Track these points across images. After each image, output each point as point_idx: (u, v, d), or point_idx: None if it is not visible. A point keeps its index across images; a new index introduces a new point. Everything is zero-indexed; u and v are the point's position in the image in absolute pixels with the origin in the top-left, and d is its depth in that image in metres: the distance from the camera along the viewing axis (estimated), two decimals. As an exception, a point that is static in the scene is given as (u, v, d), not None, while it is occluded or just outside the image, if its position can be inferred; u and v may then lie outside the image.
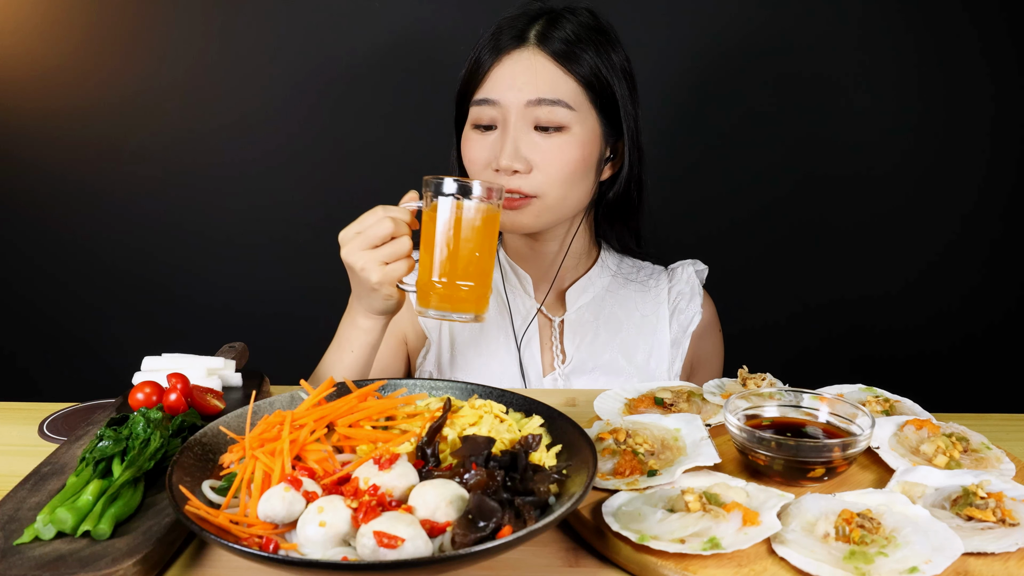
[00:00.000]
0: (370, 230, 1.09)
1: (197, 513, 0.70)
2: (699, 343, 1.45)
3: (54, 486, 0.84)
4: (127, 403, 1.02)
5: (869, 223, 2.07)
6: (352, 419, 0.84)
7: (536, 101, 1.23)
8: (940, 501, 0.81)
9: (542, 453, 0.80)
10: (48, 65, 2.00)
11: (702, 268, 1.49)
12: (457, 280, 1.05)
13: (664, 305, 1.45)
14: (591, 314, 1.41)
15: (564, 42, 1.25)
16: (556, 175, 1.25)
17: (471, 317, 1.08)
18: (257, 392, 1.11)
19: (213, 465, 0.81)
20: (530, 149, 1.24)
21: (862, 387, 1.07)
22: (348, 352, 1.21)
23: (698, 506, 0.77)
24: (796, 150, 2.04)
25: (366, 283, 1.11)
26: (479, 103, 1.27)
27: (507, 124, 1.25)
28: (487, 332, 1.40)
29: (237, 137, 2.04)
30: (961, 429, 0.94)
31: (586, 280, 1.43)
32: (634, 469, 0.86)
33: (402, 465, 0.74)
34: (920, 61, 1.98)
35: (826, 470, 0.86)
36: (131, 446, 0.85)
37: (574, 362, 1.38)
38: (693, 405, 1.04)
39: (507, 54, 1.26)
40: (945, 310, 2.11)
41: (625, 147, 1.33)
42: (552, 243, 1.39)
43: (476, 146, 1.28)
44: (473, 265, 1.06)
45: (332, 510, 0.69)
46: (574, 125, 1.25)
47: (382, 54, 2.00)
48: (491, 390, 0.93)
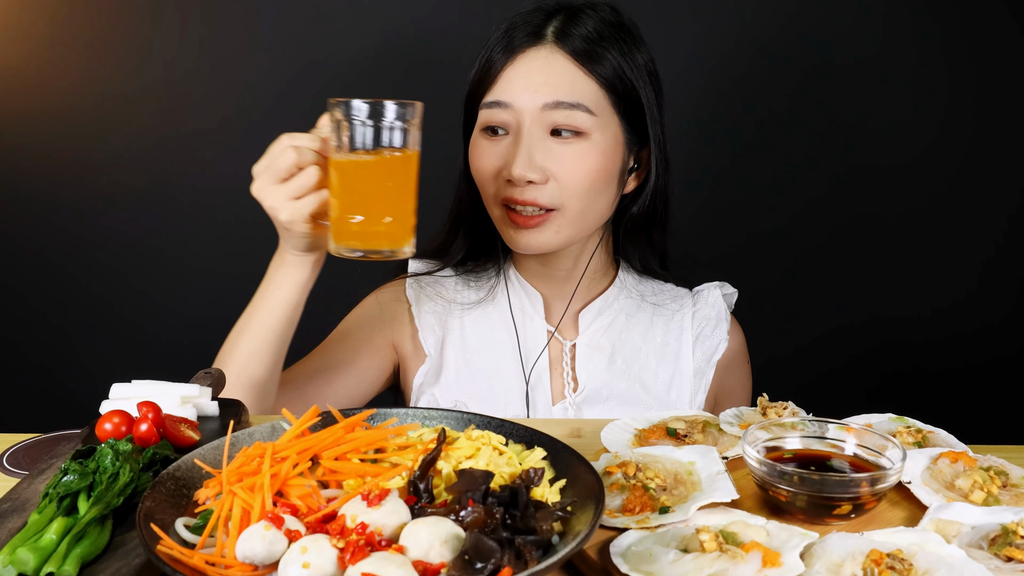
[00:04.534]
0: (275, 162, 1.05)
1: (170, 554, 0.70)
2: (724, 374, 1.43)
3: (15, 524, 0.84)
4: (94, 434, 1.02)
5: (899, 238, 2.08)
6: (338, 451, 0.84)
7: (553, 104, 1.21)
8: (977, 540, 0.81)
9: (544, 488, 0.80)
10: (9, 66, 2.02)
11: (731, 292, 1.47)
12: (371, 215, 1.02)
13: (688, 331, 1.43)
14: (607, 339, 1.40)
15: (585, 40, 1.24)
16: (575, 186, 1.23)
17: (389, 253, 1.04)
18: (235, 422, 1.11)
19: (188, 501, 0.81)
20: (546, 157, 1.22)
21: (892, 416, 1.07)
22: (275, 290, 1.18)
23: (714, 546, 0.77)
24: (814, 161, 2.05)
25: (276, 221, 1.09)
26: (490, 105, 1.25)
27: (521, 129, 1.23)
28: (492, 354, 1.39)
29: (217, 144, 2.05)
30: (1000, 462, 0.94)
31: (602, 301, 1.41)
32: (644, 506, 0.86)
33: (392, 501, 0.74)
34: (955, 64, 2.00)
35: (853, 507, 0.86)
36: (98, 480, 0.85)
37: (587, 390, 1.37)
38: (709, 436, 1.04)
39: (522, 52, 1.24)
40: (980, 330, 2.12)
41: (651, 156, 1.31)
42: (566, 260, 1.38)
43: (485, 153, 1.27)
44: (388, 196, 1.03)
45: (316, 550, 0.69)
46: (594, 131, 1.23)
47: (374, 54, 2.01)
48: (489, 420, 0.93)
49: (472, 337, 1.41)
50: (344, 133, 1.01)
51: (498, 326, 1.41)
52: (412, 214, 1.06)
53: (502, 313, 1.41)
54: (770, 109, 2.03)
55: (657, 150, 1.31)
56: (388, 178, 1.03)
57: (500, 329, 1.40)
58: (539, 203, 1.23)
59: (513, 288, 1.42)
